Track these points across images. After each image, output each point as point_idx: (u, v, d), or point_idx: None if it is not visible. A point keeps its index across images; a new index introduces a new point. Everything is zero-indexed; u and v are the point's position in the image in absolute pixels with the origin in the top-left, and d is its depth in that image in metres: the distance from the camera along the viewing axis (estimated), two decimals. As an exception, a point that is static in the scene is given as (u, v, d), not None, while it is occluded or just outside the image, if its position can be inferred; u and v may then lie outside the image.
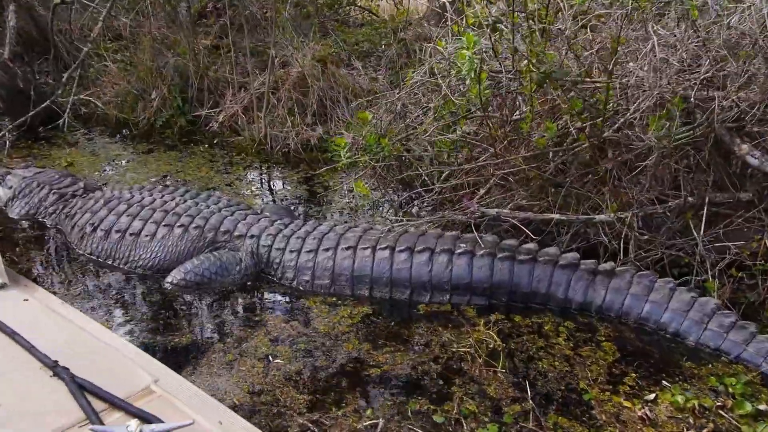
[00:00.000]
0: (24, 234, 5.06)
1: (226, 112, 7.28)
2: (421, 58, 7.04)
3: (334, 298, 4.18)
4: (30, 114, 7.02)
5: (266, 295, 4.28)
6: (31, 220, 5.22)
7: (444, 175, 4.51)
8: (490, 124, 3.94)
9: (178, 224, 4.57)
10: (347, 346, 3.65)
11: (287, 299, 4.23)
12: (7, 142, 6.88)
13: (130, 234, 4.59)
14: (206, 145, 7.14)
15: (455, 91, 4.25)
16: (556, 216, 4.22)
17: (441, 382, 3.38)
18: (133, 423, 1.73)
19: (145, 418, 1.79)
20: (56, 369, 2.01)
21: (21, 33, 8.83)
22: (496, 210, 4.29)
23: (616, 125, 3.91)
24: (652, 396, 3.27)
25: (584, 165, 4.44)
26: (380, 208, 5.60)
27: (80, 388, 1.93)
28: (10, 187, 5.49)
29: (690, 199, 4.13)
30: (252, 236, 4.50)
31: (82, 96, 7.67)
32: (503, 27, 3.30)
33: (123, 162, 6.73)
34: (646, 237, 4.09)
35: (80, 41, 8.78)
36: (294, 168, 6.53)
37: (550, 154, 4.24)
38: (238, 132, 7.20)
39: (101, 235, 4.66)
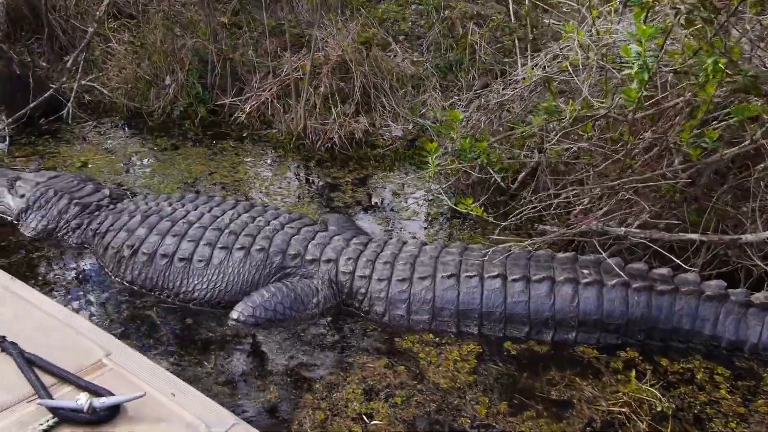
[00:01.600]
0: (39, 253, 4.25)
1: (255, 101, 6.42)
2: (472, 40, 6.33)
3: (432, 335, 3.53)
4: (32, 105, 6.08)
5: (351, 330, 3.59)
6: (51, 237, 4.39)
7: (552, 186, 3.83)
8: (629, 131, 3.26)
9: (237, 246, 3.83)
10: (480, 410, 2.98)
11: (378, 336, 3.55)
12: (7, 138, 5.98)
13: (180, 259, 3.83)
14: (234, 139, 6.28)
15: (576, 88, 3.54)
16: (695, 236, 3.58)
17: (606, 457, 2.76)
18: (83, 396, 1.72)
19: (96, 392, 1.79)
20: (3, 344, 1.98)
21: (8, 10, 7.88)
22: (623, 229, 3.64)
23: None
24: None
25: (717, 174, 3.82)
26: (454, 219, 4.91)
27: (29, 363, 1.92)
28: (22, 196, 4.61)
29: None
30: (328, 260, 3.79)
31: (84, 81, 6.75)
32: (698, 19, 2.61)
33: (145, 161, 5.83)
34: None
35: (77, 19, 7.82)
36: (343, 167, 5.71)
37: (677, 163, 3.60)
38: (270, 124, 6.36)
39: (144, 260, 3.89)
